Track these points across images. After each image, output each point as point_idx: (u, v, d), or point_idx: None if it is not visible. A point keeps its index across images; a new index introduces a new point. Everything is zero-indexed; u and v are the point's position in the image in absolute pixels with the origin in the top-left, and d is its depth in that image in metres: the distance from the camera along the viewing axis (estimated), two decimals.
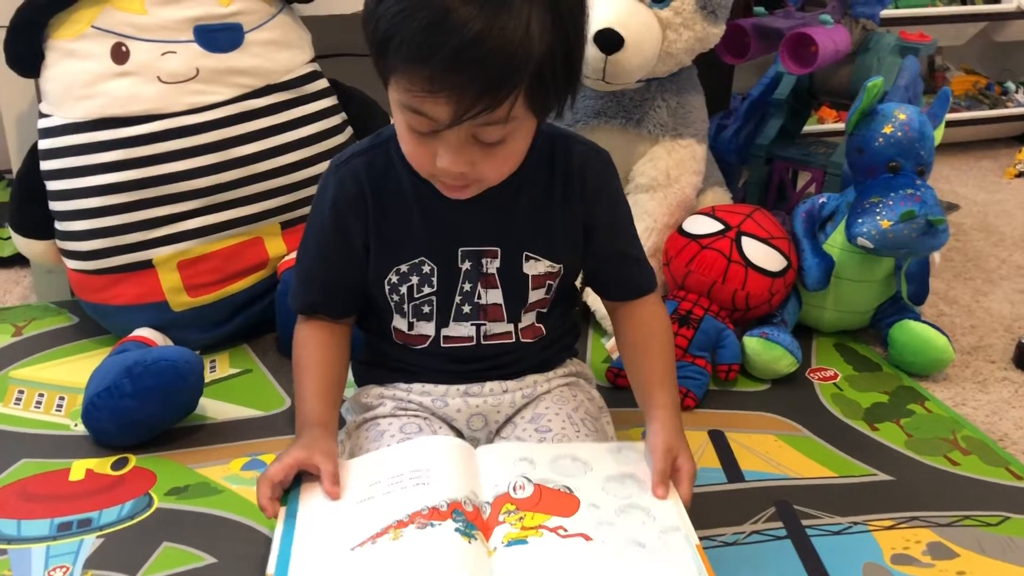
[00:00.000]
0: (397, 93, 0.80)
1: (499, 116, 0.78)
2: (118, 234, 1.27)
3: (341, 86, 1.44)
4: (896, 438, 1.19)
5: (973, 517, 1.04)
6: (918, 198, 1.29)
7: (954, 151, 2.35)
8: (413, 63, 0.75)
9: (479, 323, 0.96)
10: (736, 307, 1.33)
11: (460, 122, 0.77)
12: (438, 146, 0.81)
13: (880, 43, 1.61)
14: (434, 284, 0.94)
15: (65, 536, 0.99)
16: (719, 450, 1.15)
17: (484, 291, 0.95)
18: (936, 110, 1.39)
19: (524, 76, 0.76)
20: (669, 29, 1.35)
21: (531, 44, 0.75)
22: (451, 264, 0.94)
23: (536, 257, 0.95)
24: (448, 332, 0.96)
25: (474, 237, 0.93)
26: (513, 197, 0.92)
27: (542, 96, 0.81)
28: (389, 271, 0.94)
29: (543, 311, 0.99)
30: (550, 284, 0.97)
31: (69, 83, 1.26)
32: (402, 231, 0.93)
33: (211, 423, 1.19)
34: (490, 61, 0.74)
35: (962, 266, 1.73)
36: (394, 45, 0.75)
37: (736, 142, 1.70)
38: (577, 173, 0.94)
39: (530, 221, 0.94)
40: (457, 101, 0.76)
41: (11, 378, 1.27)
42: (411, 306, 0.96)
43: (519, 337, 0.98)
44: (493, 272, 0.94)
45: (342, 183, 0.93)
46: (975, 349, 1.43)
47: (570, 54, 0.81)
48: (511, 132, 0.81)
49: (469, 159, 0.81)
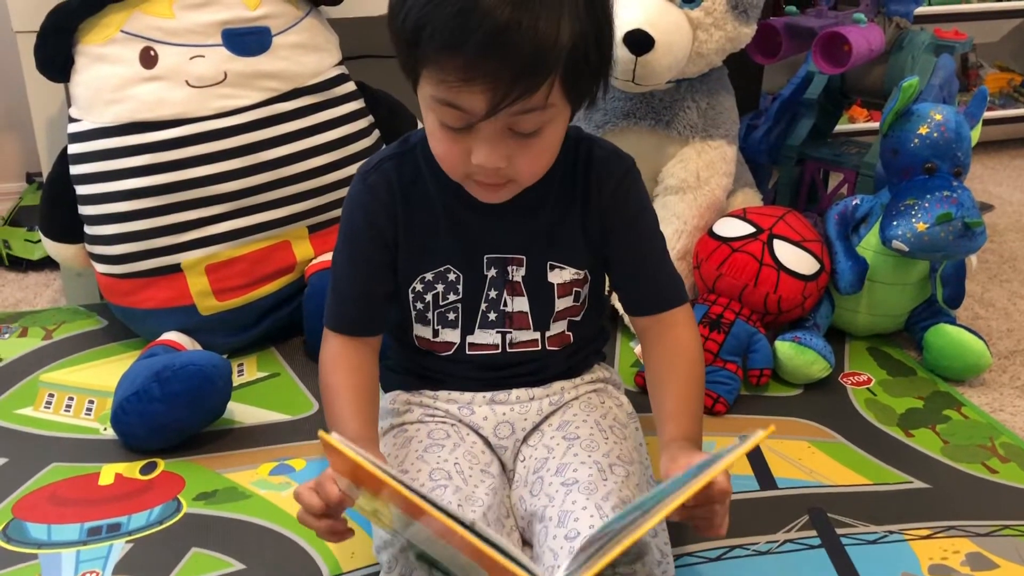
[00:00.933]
0: (429, 87, 0.78)
1: (537, 102, 0.76)
2: (147, 238, 1.27)
3: (369, 89, 1.43)
4: (932, 445, 1.17)
5: (1013, 527, 1.02)
6: (955, 200, 1.26)
7: (988, 150, 2.31)
8: (446, 51, 0.74)
9: (505, 331, 0.95)
10: (768, 311, 1.32)
11: (497, 111, 0.76)
12: (473, 142, 0.80)
13: (914, 41, 1.58)
14: (459, 291, 0.93)
15: (95, 541, 0.99)
16: (751, 457, 1.13)
17: (510, 299, 0.94)
18: (973, 109, 1.37)
19: (560, 59, 0.75)
20: (700, 29, 1.34)
21: (565, 27, 0.74)
22: (477, 271, 0.93)
23: (560, 266, 0.93)
24: (473, 339, 0.95)
25: (500, 245, 0.92)
26: (538, 204, 0.91)
27: (577, 82, 0.79)
28: (415, 279, 0.93)
29: (575, 319, 0.97)
30: (578, 291, 0.95)
31: (98, 87, 1.26)
32: (428, 238, 0.92)
33: (239, 427, 1.19)
34: (525, 44, 0.73)
35: (998, 268, 1.70)
36: (426, 35, 0.74)
37: (767, 142, 1.67)
38: (596, 180, 0.92)
39: (553, 229, 0.92)
40: (493, 88, 0.74)
41: (41, 381, 1.28)
42: (436, 313, 0.95)
43: (545, 345, 0.96)
44: (519, 280, 0.93)
45: (372, 190, 0.92)
46: (1012, 353, 1.40)
47: (602, 39, 0.80)
48: (547, 121, 0.80)
49: (505, 153, 0.80)
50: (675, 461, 0.83)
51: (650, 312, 0.96)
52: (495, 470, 0.94)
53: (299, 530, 0.99)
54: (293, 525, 1.00)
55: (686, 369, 0.94)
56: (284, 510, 1.03)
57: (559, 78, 0.77)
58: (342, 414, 0.89)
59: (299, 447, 1.14)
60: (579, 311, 0.97)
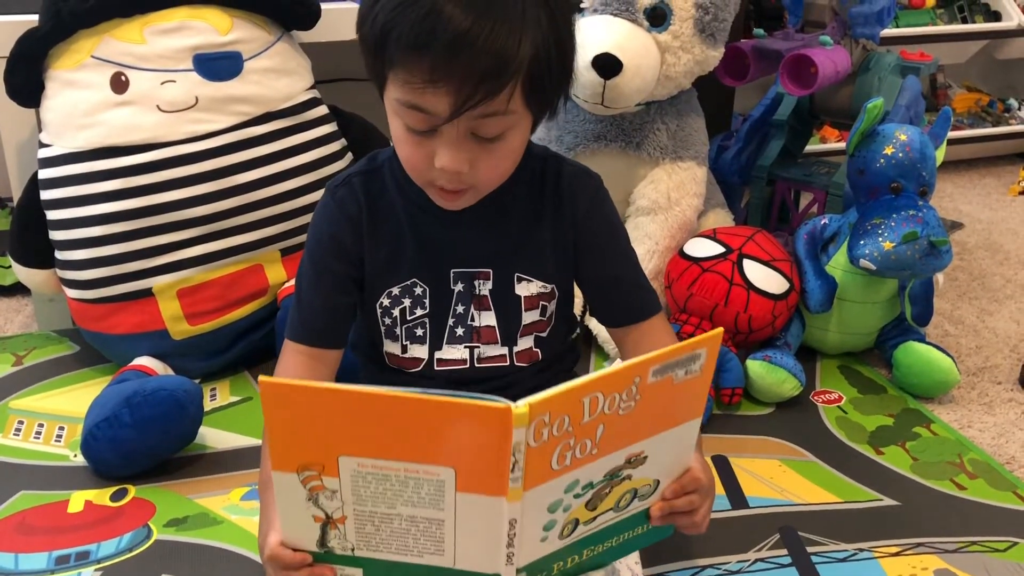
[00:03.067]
0: (395, 90, 0.81)
1: (498, 106, 0.79)
2: (118, 263, 1.27)
3: (341, 112, 1.44)
4: (902, 462, 1.18)
5: (980, 543, 1.03)
6: (920, 219, 1.28)
7: (957, 169, 2.35)
8: (413, 52, 0.76)
9: (472, 346, 0.96)
10: (739, 330, 1.33)
11: (460, 113, 0.78)
12: (436, 145, 0.81)
13: (881, 63, 1.61)
14: (426, 306, 0.94)
15: (63, 570, 0.98)
16: (723, 476, 1.14)
17: (478, 313, 0.95)
18: (937, 130, 1.39)
19: (523, 64, 0.78)
20: (668, 53, 1.35)
21: (528, 33, 0.77)
22: (443, 286, 0.94)
23: (527, 278, 0.95)
24: (441, 355, 0.96)
25: (466, 259, 0.93)
26: (503, 218, 0.92)
27: (539, 90, 0.82)
28: (381, 294, 0.94)
29: (541, 335, 0.98)
30: (544, 306, 0.96)
31: (69, 113, 1.26)
32: (395, 253, 0.93)
33: (211, 452, 1.18)
34: (490, 47, 0.75)
35: (967, 285, 1.72)
36: (393, 37, 0.77)
37: (738, 163, 1.69)
38: (567, 196, 0.94)
39: (520, 242, 0.94)
40: (457, 91, 0.77)
41: (11, 408, 1.27)
42: (404, 329, 0.95)
43: (514, 361, 0.97)
44: (486, 294, 0.94)
45: (340, 204, 0.93)
46: (981, 370, 1.42)
47: (563, 49, 0.82)
48: (509, 127, 0.82)
49: (467, 156, 0.82)
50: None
51: (629, 323, 0.98)
52: None
53: None
54: None
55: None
56: (256, 536, 1.02)
57: (521, 85, 0.79)
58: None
59: None
60: (545, 327, 0.98)
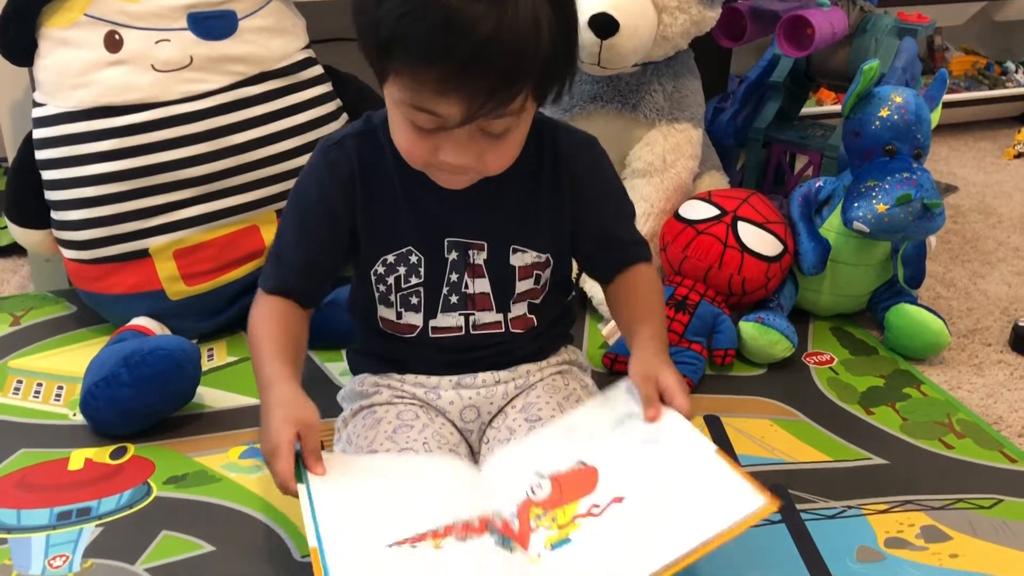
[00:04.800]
0: (399, 91, 0.79)
1: (512, 110, 0.78)
2: (114, 223, 1.27)
3: (336, 72, 1.43)
4: (891, 422, 1.20)
5: (966, 500, 1.05)
6: (914, 182, 1.29)
7: (953, 132, 2.35)
8: (422, 66, 0.74)
9: (467, 313, 0.96)
10: (732, 292, 1.34)
11: (472, 120, 0.77)
12: (442, 141, 0.80)
13: (878, 25, 1.60)
14: (421, 274, 0.94)
15: (65, 525, 0.99)
16: (715, 435, 1.16)
17: (471, 280, 0.95)
18: (933, 92, 1.39)
19: (535, 70, 0.76)
20: (664, 13, 1.35)
21: (540, 38, 0.75)
22: (438, 254, 0.93)
23: (523, 249, 0.95)
24: (436, 323, 0.96)
25: (461, 229, 0.93)
26: (500, 190, 0.91)
27: (549, 84, 0.81)
28: (376, 261, 0.94)
29: (535, 302, 0.98)
30: (538, 274, 0.97)
31: (63, 72, 1.26)
32: (389, 220, 0.92)
33: (209, 411, 1.19)
34: (502, 59, 0.73)
35: (960, 248, 1.73)
36: (401, 47, 0.74)
37: (733, 125, 1.69)
38: (565, 165, 0.93)
39: (517, 213, 0.93)
40: (469, 101, 0.75)
41: (9, 368, 1.28)
42: (399, 296, 0.95)
43: (509, 327, 0.98)
44: (480, 263, 0.94)
45: (332, 167, 0.91)
46: (971, 332, 1.43)
47: (569, 40, 0.81)
48: (517, 122, 0.82)
49: (475, 152, 0.81)
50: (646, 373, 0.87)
51: (619, 273, 0.99)
52: (463, 451, 0.95)
53: (269, 512, 1.00)
54: (263, 507, 1.01)
55: (647, 287, 0.98)
56: (254, 493, 1.04)
57: (532, 86, 0.78)
58: (265, 356, 0.87)
59: None
60: (539, 294, 0.98)
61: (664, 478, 0.80)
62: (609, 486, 0.81)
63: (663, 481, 0.80)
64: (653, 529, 0.76)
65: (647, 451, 0.84)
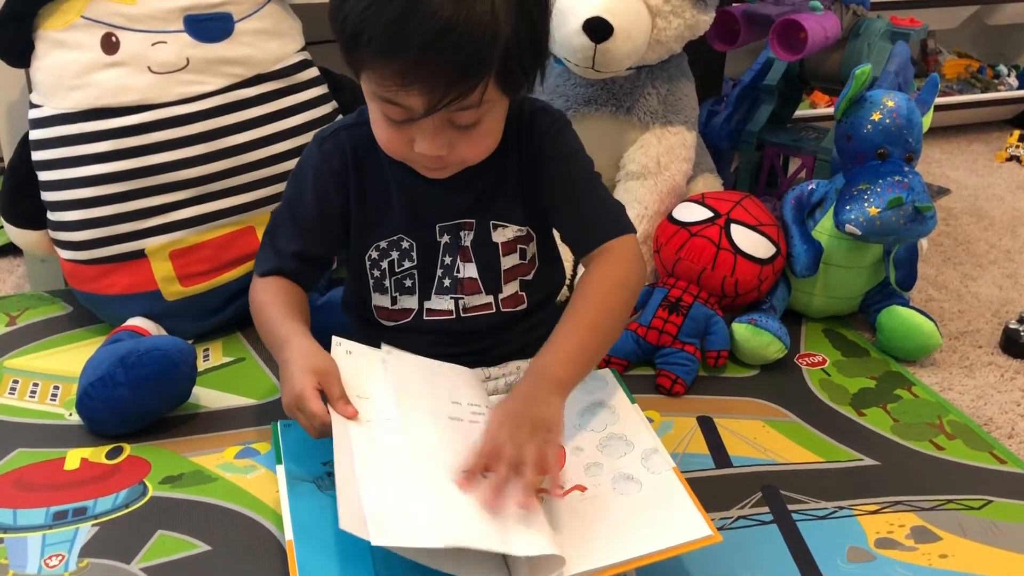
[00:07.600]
0: (370, 85, 0.83)
1: (472, 101, 0.80)
2: (110, 224, 1.27)
3: (331, 74, 1.44)
4: (882, 423, 1.21)
5: (956, 501, 1.06)
6: (905, 185, 1.30)
7: (946, 135, 2.36)
8: (383, 57, 0.77)
9: (457, 297, 0.98)
10: (725, 294, 1.35)
11: (434, 111, 0.79)
12: (415, 132, 0.83)
13: (870, 29, 1.62)
14: (414, 259, 0.96)
15: (61, 525, 1.00)
16: (707, 436, 1.16)
17: (462, 264, 0.97)
18: (924, 96, 1.40)
19: (493, 60, 0.79)
20: (658, 17, 1.36)
21: (498, 28, 0.77)
22: (430, 238, 0.96)
23: (502, 224, 0.96)
24: (430, 305, 0.98)
25: (450, 212, 0.96)
26: (481, 167, 0.93)
27: (512, 76, 0.83)
28: (369, 247, 0.96)
29: (526, 279, 0.99)
30: (523, 249, 0.98)
31: (59, 73, 1.26)
32: (381, 208, 0.95)
33: (205, 412, 1.20)
34: (459, 50, 0.76)
35: (952, 251, 1.74)
36: (363, 41, 0.78)
37: (727, 128, 1.70)
38: (526, 134, 0.95)
39: (492, 188, 0.96)
40: (430, 92, 0.78)
41: (5, 368, 1.28)
42: (393, 280, 0.98)
43: (500, 307, 0.99)
44: (468, 244, 0.96)
45: (327, 156, 0.95)
46: (963, 334, 1.45)
47: (536, 32, 0.83)
48: (485, 113, 0.84)
49: (446, 142, 0.84)
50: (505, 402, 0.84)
51: (591, 249, 0.96)
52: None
53: (264, 512, 1.01)
54: (258, 507, 1.02)
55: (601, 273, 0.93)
56: (250, 493, 1.04)
57: (494, 77, 0.80)
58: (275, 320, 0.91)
59: (264, 431, 1.15)
60: (530, 270, 0.99)
61: (626, 479, 0.86)
62: (574, 473, 0.87)
63: (625, 480, 0.86)
64: (602, 532, 0.81)
65: (613, 448, 0.89)
